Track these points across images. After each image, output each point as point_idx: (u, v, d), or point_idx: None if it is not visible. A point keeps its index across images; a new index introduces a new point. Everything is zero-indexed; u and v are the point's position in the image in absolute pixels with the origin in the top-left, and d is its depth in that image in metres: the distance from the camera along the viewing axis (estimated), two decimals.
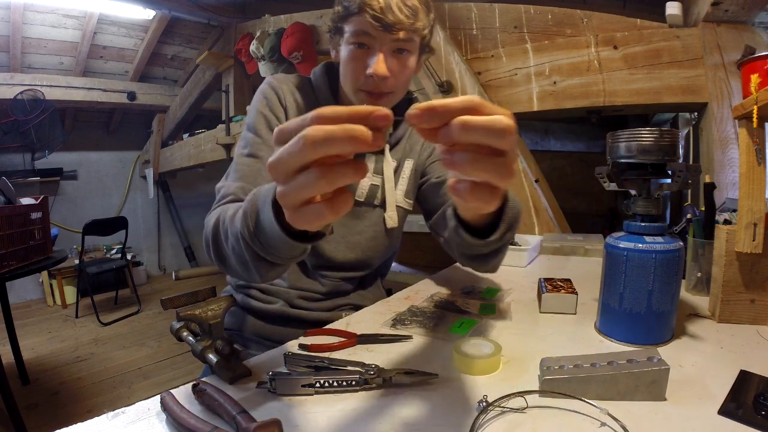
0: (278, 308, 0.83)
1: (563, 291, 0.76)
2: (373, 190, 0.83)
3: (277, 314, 0.84)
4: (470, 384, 0.52)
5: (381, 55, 0.69)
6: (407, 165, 0.87)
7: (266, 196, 0.45)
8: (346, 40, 0.71)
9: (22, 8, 3.35)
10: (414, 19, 0.67)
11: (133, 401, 0.49)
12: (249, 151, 0.73)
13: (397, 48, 0.70)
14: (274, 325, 0.84)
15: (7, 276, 1.81)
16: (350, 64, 0.72)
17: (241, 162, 0.73)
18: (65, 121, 4.49)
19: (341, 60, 0.74)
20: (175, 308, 0.56)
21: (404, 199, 0.87)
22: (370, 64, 0.69)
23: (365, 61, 0.70)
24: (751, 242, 0.64)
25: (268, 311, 0.84)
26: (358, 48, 0.70)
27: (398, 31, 0.67)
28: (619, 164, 0.65)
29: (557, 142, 3.10)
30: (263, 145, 0.74)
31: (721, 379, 0.51)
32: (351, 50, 0.71)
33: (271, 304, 0.84)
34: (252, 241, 0.49)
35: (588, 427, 0.43)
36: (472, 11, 2.02)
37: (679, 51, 1.55)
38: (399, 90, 0.76)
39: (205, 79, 4.02)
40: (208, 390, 0.46)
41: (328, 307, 0.86)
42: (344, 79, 0.75)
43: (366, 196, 0.83)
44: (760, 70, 0.65)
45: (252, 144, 0.74)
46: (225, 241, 0.57)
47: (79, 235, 3.51)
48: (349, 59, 0.72)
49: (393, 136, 0.85)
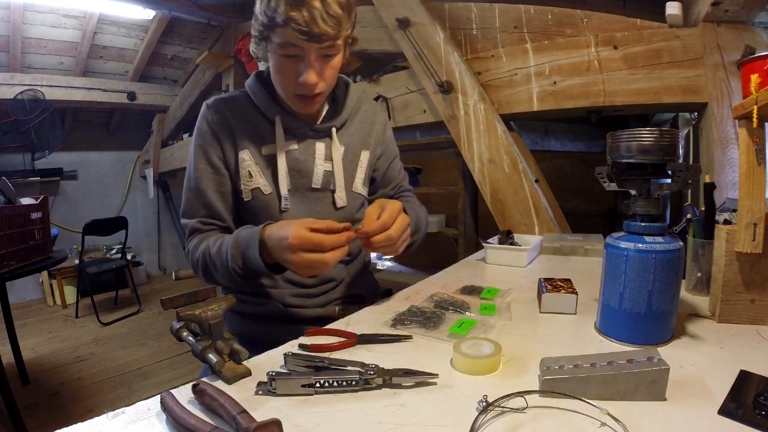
0: (271, 309, 0.85)
1: (563, 291, 0.76)
2: (327, 177, 0.87)
3: (271, 315, 0.85)
4: (470, 384, 0.52)
5: (310, 65, 0.72)
6: (364, 156, 0.92)
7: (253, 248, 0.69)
8: (273, 49, 0.73)
9: (22, 8, 3.35)
10: (338, 28, 0.70)
11: (133, 401, 0.49)
12: (192, 184, 0.83)
13: (323, 54, 0.73)
14: (268, 326, 0.85)
15: (7, 276, 1.81)
16: (281, 73, 0.76)
17: (187, 197, 0.84)
18: (65, 121, 4.49)
19: (272, 67, 0.78)
20: (175, 308, 0.56)
21: (362, 186, 0.92)
22: (301, 72, 0.73)
23: (296, 69, 0.73)
24: (751, 242, 0.64)
25: (261, 313, 0.86)
26: (287, 58, 0.73)
27: (324, 42, 0.70)
28: (619, 164, 0.65)
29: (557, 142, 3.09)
30: (202, 178, 0.82)
31: (721, 379, 0.51)
32: (280, 60, 0.74)
33: (264, 306, 0.86)
34: (243, 274, 0.72)
35: (588, 427, 0.43)
36: (472, 11, 2.02)
37: (679, 51, 1.55)
38: (328, 87, 0.80)
39: (205, 79, 4.02)
40: (208, 390, 0.46)
41: (320, 303, 0.88)
42: (276, 84, 0.80)
43: (322, 183, 0.86)
44: (760, 70, 0.65)
45: (194, 178, 0.83)
46: (215, 271, 0.77)
47: (79, 235, 3.51)
48: (279, 69, 0.76)
49: (338, 120, 0.88)
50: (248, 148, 0.83)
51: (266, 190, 0.83)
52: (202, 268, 0.79)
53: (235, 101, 0.85)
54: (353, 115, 0.92)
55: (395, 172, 0.99)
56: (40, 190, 4.17)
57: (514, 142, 1.88)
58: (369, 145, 0.93)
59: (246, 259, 0.70)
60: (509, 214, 1.89)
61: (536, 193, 1.83)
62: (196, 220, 0.82)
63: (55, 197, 4.49)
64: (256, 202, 0.83)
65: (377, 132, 0.95)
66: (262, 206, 0.83)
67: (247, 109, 0.85)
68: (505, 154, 1.88)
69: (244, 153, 0.82)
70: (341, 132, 0.89)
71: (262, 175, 0.83)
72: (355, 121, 0.92)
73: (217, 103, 0.85)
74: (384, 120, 0.98)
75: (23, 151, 4.17)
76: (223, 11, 3.73)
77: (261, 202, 0.83)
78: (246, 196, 0.83)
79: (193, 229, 0.83)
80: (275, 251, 0.66)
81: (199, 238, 0.81)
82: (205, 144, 0.83)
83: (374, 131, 0.94)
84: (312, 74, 0.73)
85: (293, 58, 0.73)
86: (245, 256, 0.70)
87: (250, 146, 0.83)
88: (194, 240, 0.82)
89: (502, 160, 1.89)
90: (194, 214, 0.83)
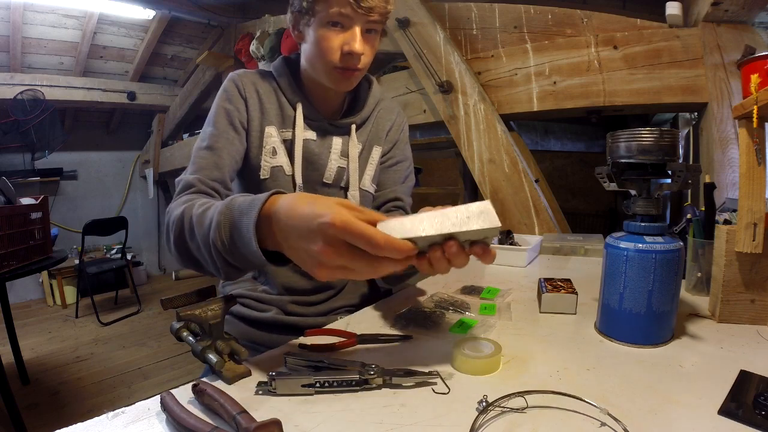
0: (272, 316, 0.82)
1: (563, 291, 0.76)
2: (340, 173, 0.85)
3: (271, 322, 0.82)
4: (470, 384, 0.52)
5: (358, 33, 0.71)
6: (375, 152, 0.89)
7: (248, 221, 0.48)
8: (319, 20, 0.72)
9: (22, 8, 3.35)
10: (387, 2, 0.71)
11: (133, 401, 0.49)
12: (207, 143, 0.74)
13: (368, 28, 0.73)
14: (268, 332, 0.82)
15: (7, 276, 1.81)
16: (325, 42, 0.72)
17: (198, 155, 0.74)
18: (65, 121, 4.49)
19: (312, 39, 0.74)
20: (175, 308, 0.56)
21: (371, 183, 0.89)
22: (347, 41, 0.71)
23: (341, 40, 0.72)
24: (751, 242, 0.64)
25: (261, 319, 0.83)
26: (333, 28, 0.71)
27: (375, 14, 0.70)
28: (619, 164, 0.65)
29: (557, 142, 3.10)
30: (220, 137, 0.75)
31: (721, 379, 0.51)
32: (326, 30, 0.72)
33: (264, 312, 0.83)
34: (225, 252, 0.52)
35: (588, 427, 0.43)
36: (472, 11, 2.02)
37: (679, 51, 1.55)
38: (365, 67, 0.78)
39: (205, 79, 4.02)
40: (208, 390, 0.46)
41: (322, 311, 0.85)
42: (316, 58, 0.75)
43: (333, 179, 0.84)
44: (760, 70, 0.65)
45: (210, 137, 0.74)
46: (190, 239, 0.58)
47: (79, 235, 3.51)
48: (324, 38, 0.72)
49: (359, 117, 0.86)
50: (275, 125, 0.80)
51: (288, 170, 0.79)
52: (175, 233, 0.60)
53: (264, 77, 0.83)
54: (373, 112, 0.90)
55: (392, 175, 0.93)
56: (40, 190, 4.17)
57: (514, 142, 1.88)
58: (381, 141, 0.91)
59: (235, 233, 0.50)
60: (509, 214, 1.89)
61: (536, 193, 1.83)
62: (196, 176, 0.69)
63: (55, 197, 4.48)
64: (273, 182, 0.79)
65: (393, 131, 0.93)
66: (279, 186, 0.78)
67: (274, 88, 0.82)
68: (505, 154, 1.88)
69: (272, 128, 0.79)
70: (360, 130, 0.87)
71: (286, 155, 0.80)
72: (373, 118, 0.90)
73: (248, 73, 0.82)
74: (401, 123, 0.95)
75: (23, 151, 4.17)
76: (223, 11, 3.73)
77: (280, 182, 0.79)
78: (264, 173, 0.78)
79: (188, 185, 0.69)
80: (289, 233, 0.46)
81: (190, 197, 0.66)
82: (232, 107, 0.77)
83: (390, 129, 0.92)
84: (359, 42, 0.71)
85: (339, 29, 0.71)
86: (235, 227, 0.50)
87: (276, 123, 0.80)
88: (183, 197, 0.66)
89: (502, 160, 1.89)
90: (198, 170, 0.71)
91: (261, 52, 2.87)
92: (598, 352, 0.60)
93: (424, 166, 2.88)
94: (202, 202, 0.60)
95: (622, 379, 0.52)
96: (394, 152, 0.93)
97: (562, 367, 0.55)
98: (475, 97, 1.95)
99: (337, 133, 0.85)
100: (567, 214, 1.97)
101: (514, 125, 2.04)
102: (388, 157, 0.93)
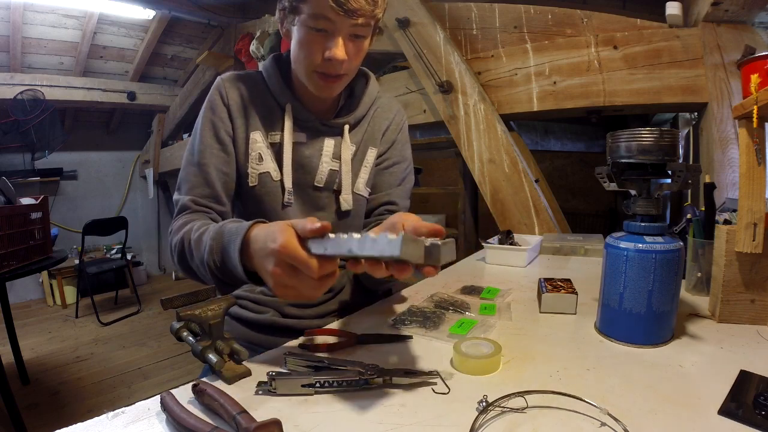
0: (269, 318, 0.82)
1: (563, 291, 0.76)
2: (332, 176, 0.82)
3: (268, 324, 0.82)
4: (470, 384, 0.52)
5: (340, 40, 0.68)
6: (370, 153, 0.86)
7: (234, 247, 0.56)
8: (302, 21, 0.69)
9: (22, 8, 3.35)
10: (374, 6, 0.67)
11: (133, 401, 0.49)
12: (195, 159, 0.76)
13: (353, 33, 0.70)
14: (265, 334, 0.82)
15: (7, 276, 1.81)
16: (306, 46, 0.70)
17: (187, 171, 0.76)
18: (65, 121, 4.49)
19: (295, 41, 0.72)
20: (175, 308, 0.56)
21: (365, 187, 0.86)
22: (329, 47, 0.68)
23: (323, 44, 0.69)
24: (751, 242, 0.64)
25: (258, 321, 0.83)
26: (316, 32, 0.68)
27: (358, 17, 0.66)
28: (619, 164, 0.65)
29: (557, 142, 3.10)
30: (206, 152, 0.75)
31: (721, 379, 0.51)
32: (307, 32, 0.69)
33: (261, 314, 0.83)
34: (218, 272, 0.62)
35: (588, 427, 0.43)
36: (472, 11, 2.02)
37: (679, 51, 1.55)
38: (352, 72, 0.76)
39: (205, 79, 4.02)
40: (208, 390, 0.46)
41: (319, 313, 0.85)
42: (298, 60, 0.74)
43: (325, 182, 0.82)
44: (760, 70, 0.65)
45: (197, 152, 0.76)
46: (190, 260, 0.67)
47: (79, 235, 3.51)
48: (305, 41, 0.70)
49: (352, 116, 0.83)
50: (260, 130, 0.78)
51: (275, 176, 0.78)
52: (178, 254, 0.70)
53: (251, 79, 0.81)
54: (369, 111, 0.86)
55: (387, 178, 0.88)
56: (40, 190, 4.17)
57: (514, 142, 1.88)
58: (377, 141, 0.87)
59: (225, 256, 0.59)
60: (509, 214, 1.89)
61: (536, 193, 1.83)
62: (189, 198, 0.74)
63: (55, 197, 4.48)
64: (262, 188, 0.78)
65: (390, 131, 0.89)
66: (268, 193, 0.78)
67: (262, 90, 0.80)
68: (505, 154, 1.88)
69: (257, 134, 0.78)
70: (354, 131, 0.84)
71: (273, 160, 0.78)
72: (369, 118, 0.87)
73: (233, 77, 0.80)
74: (400, 122, 0.91)
75: (23, 151, 4.17)
76: (223, 11, 3.73)
77: (268, 188, 0.78)
78: (252, 180, 0.78)
79: (184, 207, 0.74)
80: (256, 257, 0.54)
81: (186, 219, 0.72)
82: (216, 117, 0.77)
83: (387, 129, 0.89)
84: (340, 49, 0.68)
85: (322, 33, 0.68)
86: (225, 252, 0.59)
87: (261, 128, 0.78)
88: (181, 219, 0.73)
89: (502, 160, 1.89)
90: (190, 190, 0.75)
91: (261, 52, 2.88)
92: (598, 352, 0.60)
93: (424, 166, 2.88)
94: (198, 225, 0.68)
95: (622, 379, 0.52)
96: (391, 153, 0.89)
97: (562, 367, 0.55)
98: (475, 97, 1.95)
99: (330, 134, 0.82)
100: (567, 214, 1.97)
101: (514, 125, 2.04)
102: (383, 159, 0.89)
